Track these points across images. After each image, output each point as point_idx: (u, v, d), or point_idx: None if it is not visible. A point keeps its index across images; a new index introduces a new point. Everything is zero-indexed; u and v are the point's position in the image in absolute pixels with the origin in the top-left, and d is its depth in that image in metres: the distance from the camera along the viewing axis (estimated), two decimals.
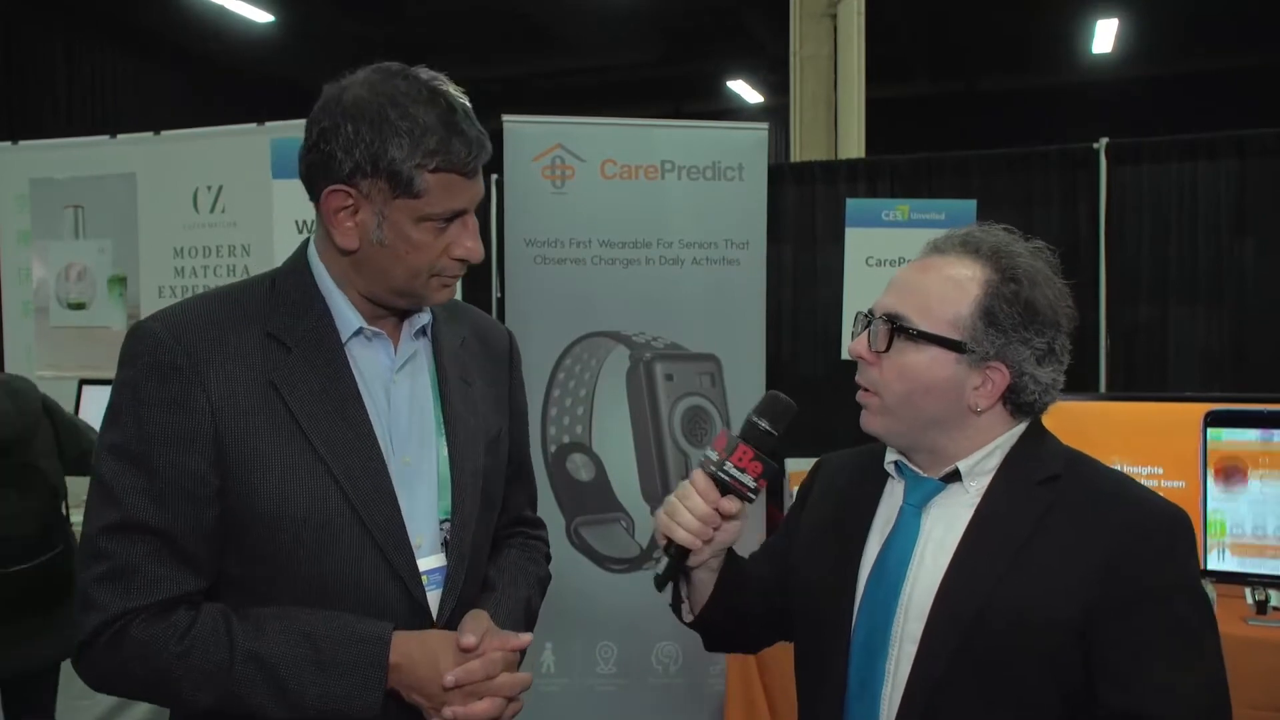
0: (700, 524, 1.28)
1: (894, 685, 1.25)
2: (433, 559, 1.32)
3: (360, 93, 1.21)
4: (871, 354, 1.29)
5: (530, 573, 1.51)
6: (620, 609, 3.56)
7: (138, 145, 4.58)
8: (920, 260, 1.33)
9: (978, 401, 1.26)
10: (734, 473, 1.27)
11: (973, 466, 1.28)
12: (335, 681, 1.19)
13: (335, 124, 1.20)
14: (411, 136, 1.19)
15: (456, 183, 1.23)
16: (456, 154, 1.21)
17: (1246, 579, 2.38)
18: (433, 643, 1.24)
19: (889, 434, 1.32)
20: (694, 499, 1.28)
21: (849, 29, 6.91)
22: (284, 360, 1.24)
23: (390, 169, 1.19)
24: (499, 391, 1.46)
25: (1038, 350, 1.25)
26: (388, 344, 1.32)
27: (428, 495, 1.32)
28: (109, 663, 1.19)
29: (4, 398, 2.66)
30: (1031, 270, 1.26)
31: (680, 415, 3.60)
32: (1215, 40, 10.87)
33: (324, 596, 1.23)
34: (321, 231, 1.28)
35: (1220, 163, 4.62)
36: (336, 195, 1.22)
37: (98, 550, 1.19)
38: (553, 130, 3.64)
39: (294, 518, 1.21)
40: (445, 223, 1.25)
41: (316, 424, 1.23)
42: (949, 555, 1.25)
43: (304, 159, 1.26)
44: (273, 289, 1.30)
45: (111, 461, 1.20)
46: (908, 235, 4.31)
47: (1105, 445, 2.55)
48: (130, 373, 1.22)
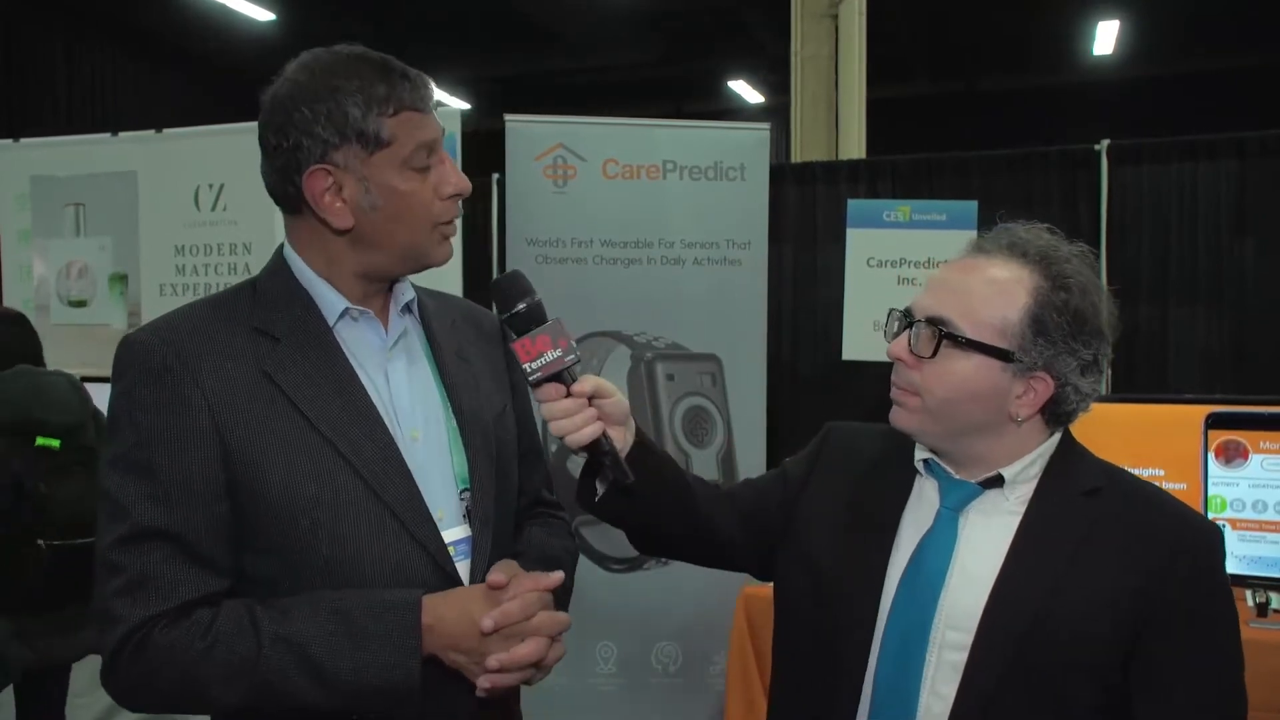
0: (580, 416, 1.24)
1: (933, 693, 1.21)
2: (457, 530, 1.30)
3: (296, 78, 1.24)
4: (913, 358, 1.25)
5: (557, 546, 1.50)
6: (620, 609, 3.56)
7: (139, 143, 4.58)
8: (962, 260, 1.29)
9: (1019, 411, 1.23)
10: (543, 363, 1.23)
11: (1017, 474, 1.26)
12: (370, 653, 1.16)
13: (288, 115, 1.22)
14: (362, 93, 1.22)
15: (416, 119, 1.26)
16: (405, 91, 1.24)
17: (1247, 581, 2.38)
18: (461, 597, 1.22)
19: (923, 434, 1.28)
20: (550, 409, 1.24)
21: (850, 29, 6.91)
22: (274, 350, 1.24)
23: (356, 129, 1.22)
24: (497, 368, 1.46)
25: (1083, 361, 1.23)
26: (376, 323, 1.32)
27: (443, 468, 1.31)
28: (136, 673, 1.17)
29: (69, 388, 2.83)
30: (1082, 278, 1.24)
31: (681, 415, 3.60)
32: (1216, 41, 10.87)
33: (349, 577, 1.21)
34: (301, 223, 1.29)
35: (1221, 163, 4.62)
36: (317, 176, 1.23)
37: (112, 564, 1.18)
38: (554, 130, 3.64)
39: (307, 501, 1.20)
40: (425, 167, 1.27)
41: (315, 405, 1.23)
42: (995, 563, 1.22)
43: (270, 169, 1.27)
44: (254, 291, 1.31)
45: (115, 475, 1.20)
46: (909, 236, 4.31)
47: (1107, 447, 2.53)
48: (123, 384, 1.22)
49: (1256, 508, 2.41)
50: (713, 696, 3.50)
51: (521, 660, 1.21)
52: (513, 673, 1.22)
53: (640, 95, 12.58)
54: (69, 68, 9.66)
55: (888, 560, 1.28)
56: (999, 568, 1.22)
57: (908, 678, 1.22)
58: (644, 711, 3.58)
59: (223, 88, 10.88)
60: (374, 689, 1.17)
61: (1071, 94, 12.07)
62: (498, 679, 1.21)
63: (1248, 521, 2.41)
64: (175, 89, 10.66)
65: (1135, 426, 2.69)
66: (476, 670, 1.21)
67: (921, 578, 1.25)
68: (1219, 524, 2.29)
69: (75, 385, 2.88)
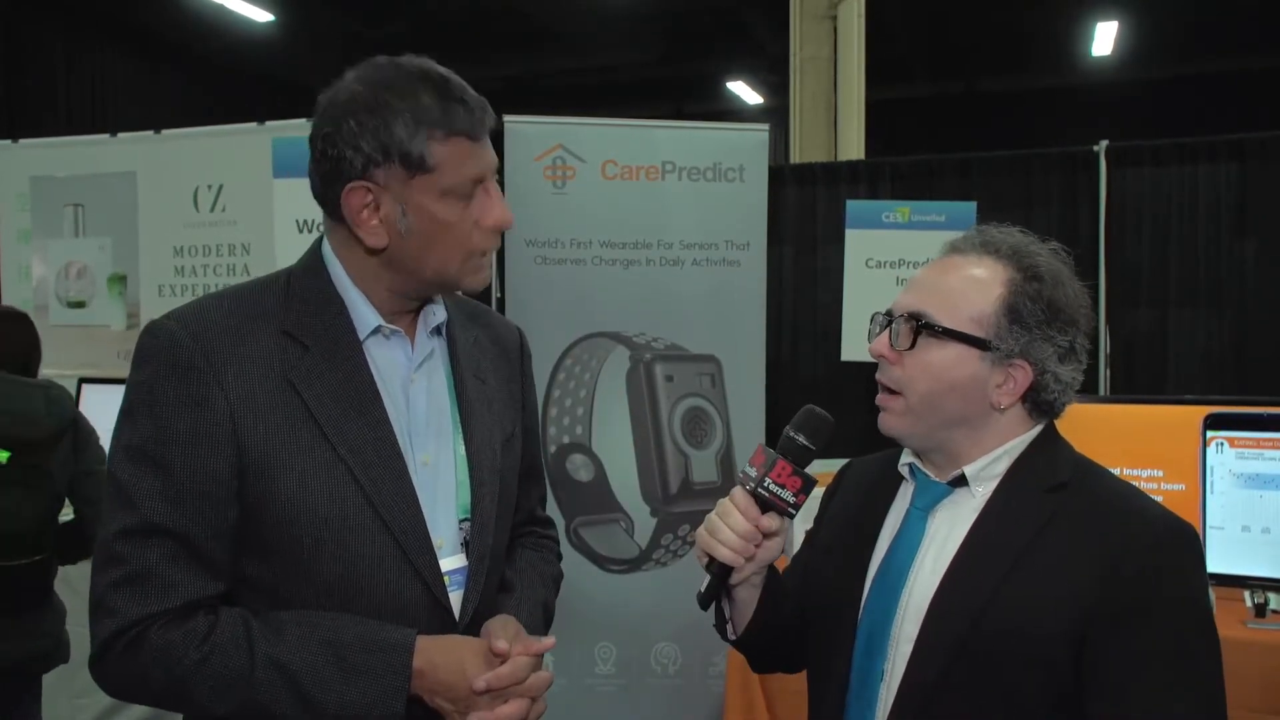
0: (741, 541, 1.27)
1: (889, 687, 1.25)
2: (454, 559, 1.31)
3: (353, 88, 1.22)
4: (894, 352, 1.28)
5: (545, 573, 1.51)
6: (619, 610, 3.56)
7: (138, 144, 4.57)
8: (939, 261, 1.33)
9: (1000, 400, 1.26)
10: (774, 489, 1.26)
11: (979, 471, 1.27)
12: (358, 690, 1.17)
13: (337, 125, 1.20)
14: (412, 113, 1.19)
15: (466, 148, 1.23)
16: (459, 117, 1.22)
17: (1245, 582, 2.38)
18: (457, 648, 1.23)
19: (909, 435, 1.31)
20: (734, 516, 1.27)
21: (849, 30, 6.91)
22: (302, 358, 1.23)
23: (400, 150, 1.19)
24: (512, 389, 1.46)
25: (1060, 348, 1.25)
26: (405, 342, 1.31)
27: (447, 496, 1.32)
28: (127, 669, 1.18)
29: (40, 400, 2.69)
30: (1053, 269, 1.27)
31: (680, 416, 3.60)
32: (1215, 42, 10.87)
33: (346, 598, 1.22)
34: (340, 231, 1.27)
35: (1220, 165, 4.63)
36: (356, 193, 1.21)
37: (113, 554, 1.17)
38: (554, 130, 3.64)
39: (314, 517, 1.20)
40: (468, 196, 1.24)
41: (335, 423, 1.22)
42: (949, 559, 1.25)
43: (315, 173, 1.25)
44: (288, 287, 1.28)
45: (128, 464, 1.19)
46: (908, 237, 4.31)
47: (1105, 448, 2.53)
48: (147, 372, 1.20)
49: None
50: (712, 698, 3.50)
51: (504, 719, 1.23)
52: None
53: (640, 96, 12.59)
54: (68, 69, 9.67)
55: (868, 565, 1.32)
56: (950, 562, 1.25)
57: (871, 673, 1.27)
58: (643, 712, 3.58)
59: (222, 88, 10.90)
60: None
61: (1071, 95, 12.07)
62: None
63: None
64: (174, 90, 10.66)
65: (1134, 427, 2.68)
66: (459, 719, 1.23)
67: (888, 577, 1.29)
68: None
69: (54, 399, 2.73)
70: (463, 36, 10.77)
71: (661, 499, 3.58)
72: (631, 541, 3.60)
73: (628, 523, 3.60)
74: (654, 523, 3.58)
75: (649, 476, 3.59)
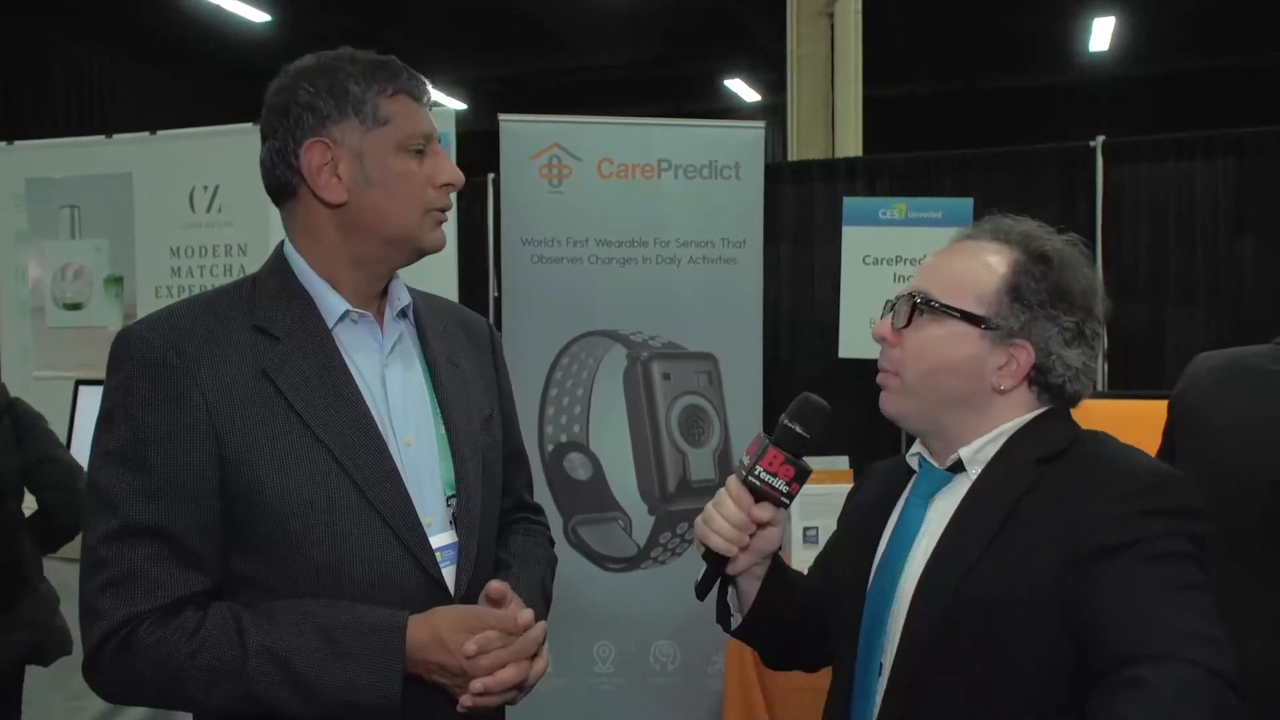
0: (735, 531, 1.27)
1: (885, 674, 1.24)
2: (444, 536, 1.32)
3: (300, 64, 1.30)
4: (894, 333, 1.28)
5: (540, 555, 1.53)
6: (618, 608, 3.56)
7: (134, 145, 4.57)
8: (949, 246, 1.33)
9: (1000, 381, 1.23)
10: (765, 477, 1.25)
11: (974, 454, 1.25)
12: (353, 672, 1.18)
13: (292, 94, 1.26)
14: (363, 75, 1.27)
15: (412, 106, 1.30)
16: (403, 77, 1.30)
17: None
18: (445, 619, 1.23)
19: (908, 415, 1.30)
20: (728, 506, 1.27)
21: (846, 28, 6.90)
22: (273, 350, 1.25)
23: (355, 103, 1.26)
24: (486, 374, 1.49)
25: (1066, 330, 1.22)
26: (374, 326, 1.33)
27: (432, 474, 1.33)
28: (118, 671, 1.18)
29: None
30: (1063, 253, 1.25)
31: (678, 414, 3.60)
32: (1212, 38, 10.88)
33: (340, 583, 1.23)
34: (299, 216, 1.31)
35: (1217, 161, 4.62)
36: (315, 149, 1.25)
37: (98, 559, 1.18)
38: (550, 129, 3.64)
39: (299, 503, 1.21)
40: (420, 152, 1.29)
41: (313, 408, 1.23)
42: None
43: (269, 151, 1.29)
44: (254, 287, 1.31)
45: (107, 468, 1.19)
46: (905, 234, 4.31)
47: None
48: (120, 377, 1.21)
49: None
50: (711, 696, 3.50)
51: (504, 684, 1.23)
52: (495, 695, 1.23)
53: (637, 94, 12.58)
54: (64, 70, 9.65)
55: (874, 556, 1.31)
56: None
57: (871, 658, 1.26)
58: (642, 711, 3.58)
59: (218, 89, 10.86)
60: (355, 707, 1.18)
61: (1068, 92, 12.07)
62: (480, 701, 1.23)
63: None
64: (170, 91, 10.64)
65: (1131, 423, 2.68)
66: (459, 691, 1.23)
67: (888, 566, 1.28)
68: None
69: None
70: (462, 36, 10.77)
71: (659, 497, 3.58)
72: (630, 540, 3.60)
73: (626, 521, 3.60)
74: (652, 521, 3.59)
75: (647, 475, 3.59)
